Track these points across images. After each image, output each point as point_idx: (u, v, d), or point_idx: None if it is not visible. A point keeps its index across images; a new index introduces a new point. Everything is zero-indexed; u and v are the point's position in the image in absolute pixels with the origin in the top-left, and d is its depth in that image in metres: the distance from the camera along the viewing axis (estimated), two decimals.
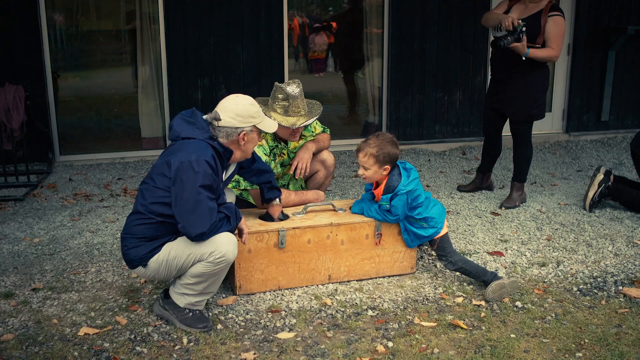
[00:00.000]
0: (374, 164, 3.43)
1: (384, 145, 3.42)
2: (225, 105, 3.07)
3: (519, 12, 4.66)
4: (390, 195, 3.44)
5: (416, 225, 3.54)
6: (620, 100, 7.58)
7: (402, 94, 6.99)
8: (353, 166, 6.29)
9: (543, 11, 4.57)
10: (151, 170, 3.03)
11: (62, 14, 6.35)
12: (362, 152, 3.45)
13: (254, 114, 3.09)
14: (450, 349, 2.93)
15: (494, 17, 4.67)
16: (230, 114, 3.03)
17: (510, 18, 4.44)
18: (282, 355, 2.86)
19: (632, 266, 3.85)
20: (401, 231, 3.60)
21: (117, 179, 5.78)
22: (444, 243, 3.55)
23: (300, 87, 3.84)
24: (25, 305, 3.30)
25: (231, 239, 2.97)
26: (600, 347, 2.94)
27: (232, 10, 6.40)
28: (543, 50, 4.57)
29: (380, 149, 3.40)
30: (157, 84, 6.54)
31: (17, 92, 5.48)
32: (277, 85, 3.83)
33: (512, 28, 4.41)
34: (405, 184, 3.43)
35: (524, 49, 4.46)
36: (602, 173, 4.83)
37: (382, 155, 3.40)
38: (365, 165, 3.46)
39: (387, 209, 3.48)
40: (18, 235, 4.32)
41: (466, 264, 3.53)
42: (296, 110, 3.80)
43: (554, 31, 4.56)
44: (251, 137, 3.13)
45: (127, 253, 3.01)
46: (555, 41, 4.56)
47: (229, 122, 3.03)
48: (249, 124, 3.08)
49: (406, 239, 3.60)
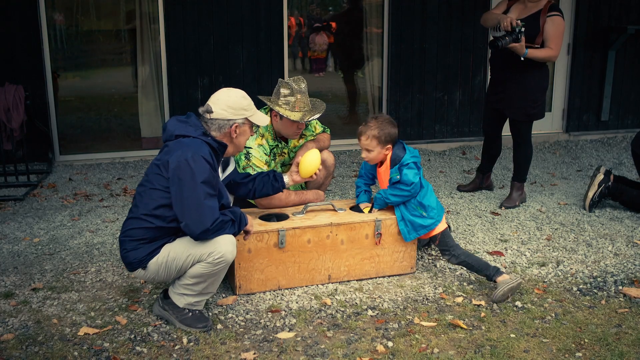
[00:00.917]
0: (377, 145, 3.51)
1: (384, 125, 3.52)
2: (218, 97, 3.09)
3: (518, 12, 4.66)
4: (398, 166, 3.49)
5: (415, 213, 3.53)
6: (620, 100, 7.58)
7: (402, 93, 6.99)
8: (353, 166, 6.29)
9: (542, 11, 4.57)
10: (147, 172, 3.03)
11: (62, 14, 6.36)
12: (364, 135, 3.52)
13: (245, 107, 3.11)
14: (450, 348, 2.93)
15: (492, 17, 4.67)
16: (222, 105, 3.05)
17: (508, 18, 4.43)
18: (282, 355, 2.86)
19: (632, 266, 3.85)
20: (398, 222, 3.59)
21: (117, 179, 5.79)
22: (446, 238, 3.57)
23: (305, 83, 3.85)
24: (25, 305, 3.30)
25: (230, 240, 2.97)
26: (600, 347, 2.94)
27: (232, 10, 6.40)
28: (542, 50, 4.56)
29: (381, 130, 3.50)
30: (157, 83, 6.54)
31: (17, 91, 5.48)
32: (282, 81, 3.83)
33: (511, 28, 4.40)
34: (411, 155, 3.52)
35: (522, 49, 4.46)
36: (602, 173, 4.83)
37: (383, 135, 3.50)
38: (369, 147, 3.53)
39: (398, 180, 3.48)
40: (18, 235, 4.32)
41: (469, 257, 3.54)
42: (302, 105, 3.80)
43: (552, 31, 4.56)
44: (243, 129, 3.14)
45: (126, 256, 3.01)
46: (554, 41, 4.56)
47: (221, 114, 3.05)
48: (241, 116, 3.10)
49: (403, 231, 3.57)
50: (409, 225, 3.56)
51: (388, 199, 3.56)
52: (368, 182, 3.81)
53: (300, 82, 3.83)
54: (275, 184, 3.55)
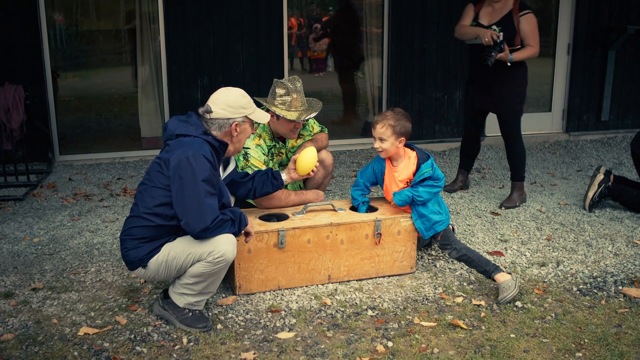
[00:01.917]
0: (391, 134, 3.56)
1: (400, 117, 3.60)
2: (217, 97, 3.09)
3: (488, 16, 4.74)
4: (430, 163, 3.57)
5: (433, 210, 3.57)
6: (620, 100, 7.58)
7: (401, 93, 6.99)
8: (353, 166, 6.29)
9: (513, 11, 4.68)
10: (149, 170, 3.03)
11: (62, 14, 6.35)
12: (380, 123, 3.58)
13: (245, 105, 3.11)
14: (450, 348, 2.93)
15: (469, 32, 4.74)
16: (221, 105, 3.06)
17: (488, 32, 4.51)
18: (282, 355, 2.86)
19: (632, 266, 3.85)
20: (414, 220, 3.60)
21: (117, 179, 5.78)
22: (448, 233, 3.61)
23: (300, 82, 3.86)
24: (25, 305, 3.30)
25: (230, 239, 2.97)
26: (600, 347, 2.94)
27: (231, 10, 6.40)
28: (524, 51, 4.68)
29: (397, 121, 3.57)
30: (156, 83, 6.54)
31: (16, 91, 5.48)
32: (277, 81, 3.83)
33: (493, 42, 4.49)
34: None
35: (507, 56, 4.58)
36: (602, 173, 4.84)
37: (399, 126, 3.57)
38: (383, 136, 3.57)
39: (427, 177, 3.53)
40: (18, 235, 4.32)
41: (470, 251, 3.56)
42: (298, 104, 3.80)
43: (529, 30, 4.67)
44: (243, 127, 3.15)
45: (126, 254, 3.01)
46: (533, 38, 4.69)
47: (220, 113, 3.05)
48: (241, 114, 3.10)
49: (420, 229, 3.60)
50: (426, 223, 3.58)
51: (420, 197, 3.53)
52: (365, 192, 3.80)
53: (295, 81, 3.84)
54: (274, 181, 3.56)
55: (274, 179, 3.56)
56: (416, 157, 3.63)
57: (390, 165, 3.71)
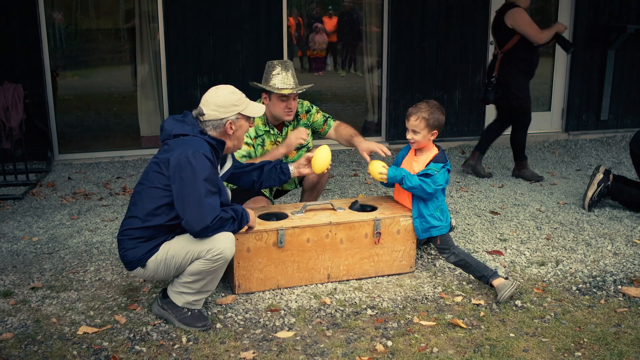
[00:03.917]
0: (424, 127, 3.55)
1: (434, 110, 3.58)
2: (207, 98, 3.08)
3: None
4: (442, 165, 3.55)
5: (434, 214, 3.56)
6: (619, 99, 7.58)
7: (401, 92, 6.99)
8: (352, 165, 6.29)
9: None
10: (146, 170, 3.02)
11: (61, 12, 6.35)
12: (415, 115, 3.57)
13: (235, 102, 3.09)
14: (450, 348, 2.93)
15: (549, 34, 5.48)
16: (211, 106, 3.05)
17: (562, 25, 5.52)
18: (281, 354, 2.86)
19: (631, 265, 3.85)
20: (413, 218, 3.60)
21: (116, 178, 5.78)
22: (447, 238, 3.60)
23: (291, 63, 4.00)
24: (24, 304, 3.29)
25: (229, 237, 2.96)
26: (600, 346, 2.94)
27: (231, 9, 6.40)
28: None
29: (431, 114, 3.55)
30: (156, 82, 6.54)
31: (16, 90, 5.48)
32: (269, 63, 3.96)
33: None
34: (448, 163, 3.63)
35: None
36: (602, 172, 4.84)
37: (432, 119, 3.55)
38: (416, 129, 3.56)
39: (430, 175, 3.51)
40: (17, 234, 4.32)
41: (468, 257, 3.56)
42: (289, 82, 3.90)
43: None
44: (239, 124, 3.13)
45: (125, 255, 3.00)
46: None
47: (212, 114, 3.04)
48: (233, 112, 3.08)
49: (417, 228, 3.60)
50: (423, 224, 3.58)
51: (410, 182, 3.49)
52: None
53: (286, 62, 3.96)
54: (282, 176, 3.57)
55: (282, 174, 3.56)
56: (434, 156, 3.60)
57: (413, 153, 3.70)
